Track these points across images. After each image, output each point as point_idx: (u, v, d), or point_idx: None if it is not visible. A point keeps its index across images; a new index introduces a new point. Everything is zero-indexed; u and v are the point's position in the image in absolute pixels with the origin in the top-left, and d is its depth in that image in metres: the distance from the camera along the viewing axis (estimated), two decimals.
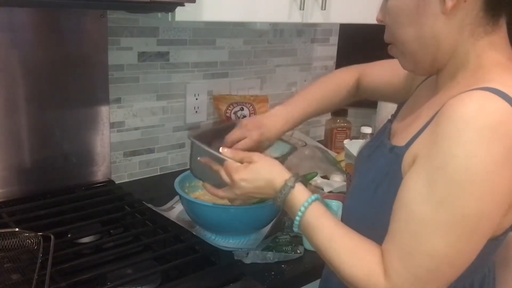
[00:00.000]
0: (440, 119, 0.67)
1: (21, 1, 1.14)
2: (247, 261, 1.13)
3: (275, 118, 1.08)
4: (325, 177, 1.65)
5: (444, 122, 0.66)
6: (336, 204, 1.32)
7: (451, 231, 0.66)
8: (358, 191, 0.89)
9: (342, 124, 2.01)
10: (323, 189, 1.55)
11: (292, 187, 0.85)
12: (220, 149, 0.95)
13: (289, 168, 0.92)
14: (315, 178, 1.51)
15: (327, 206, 0.85)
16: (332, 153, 1.85)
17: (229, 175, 0.92)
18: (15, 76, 1.27)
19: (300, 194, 0.84)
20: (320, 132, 2.17)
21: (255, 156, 0.92)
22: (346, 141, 1.46)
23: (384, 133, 0.89)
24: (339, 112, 2.03)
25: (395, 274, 0.69)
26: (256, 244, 1.20)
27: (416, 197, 0.68)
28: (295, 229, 0.84)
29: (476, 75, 0.71)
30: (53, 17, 1.30)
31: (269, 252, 1.16)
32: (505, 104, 0.63)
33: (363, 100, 1.21)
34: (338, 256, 0.76)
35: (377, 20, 0.84)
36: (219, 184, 0.96)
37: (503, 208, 0.67)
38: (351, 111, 2.03)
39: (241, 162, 0.92)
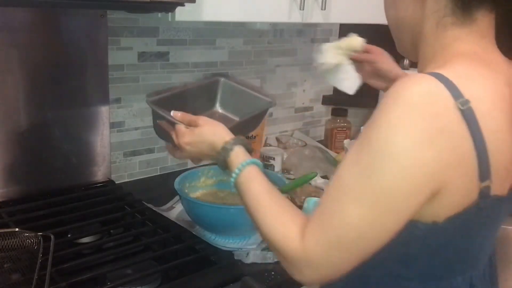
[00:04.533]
0: (383, 96, 0.68)
1: (21, 1, 1.14)
2: (247, 261, 1.13)
3: None
4: (325, 177, 1.65)
5: (383, 97, 0.67)
6: None
7: (365, 202, 0.65)
8: None
9: (342, 124, 2.01)
10: (323, 189, 1.55)
11: (231, 149, 0.87)
12: (172, 113, 0.99)
13: (289, 168, 0.94)
14: (315, 178, 1.51)
15: (266, 173, 0.86)
16: (332, 153, 1.85)
17: (176, 138, 0.96)
18: (15, 76, 1.27)
19: (237, 157, 0.87)
20: (320, 132, 2.17)
21: (201, 120, 0.95)
22: (346, 141, 1.46)
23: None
24: (339, 112, 2.03)
25: (310, 236, 0.69)
26: (256, 244, 1.20)
27: (345, 164, 0.69)
28: (232, 190, 0.88)
29: (438, 65, 0.71)
30: (53, 17, 1.30)
31: (269, 252, 1.16)
32: (440, 88, 0.63)
33: (362, 100, 1.22)
34: (262, 218, 0.77)
35: None
36: None
37: (422, 190, 0.64)
38: (351, 111, 2.03)
39: (189, 125, 0.95)
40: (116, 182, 1.51)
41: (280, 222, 0.74)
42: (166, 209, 1.37)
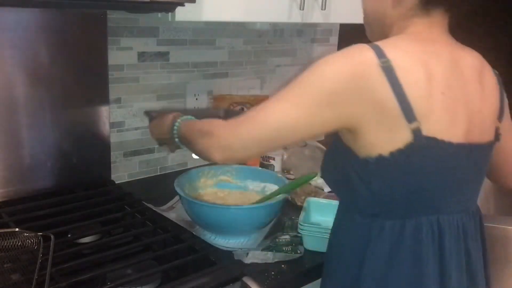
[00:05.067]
0: None
1: (21, 1, 1.14)
2: (247, 261, 1.13)
3: None
4: None
5: None
6: (336, 204, 1.31)
7: (285, 98, 0.85)
8: None
9: None
10: (323, 189, 1.55)
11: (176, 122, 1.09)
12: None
13: (289, 168, 1.02)
14: (315, 178, 1.51)
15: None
16: None
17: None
18: (15, 76, 1.27)
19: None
20: None
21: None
22: None
23: None
24: None
25: (228, 127, 0.90)
26: (256, 244, 1.20)
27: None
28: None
29: None
30: (53, 17, 1.30)
31: (269, 252, 1.16)
32: (369, 50, 0.82)
33: None
34: (192, 130, 1.01)
35: None
36: None
37: (330, 103, 0.82)
38: None
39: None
40: (116, 182, 1.52)
41: (206, 123, 0.97)
42: (166, 209, 1.37)
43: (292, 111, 0.84)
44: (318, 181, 1.59)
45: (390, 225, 0.88)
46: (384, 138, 0.82)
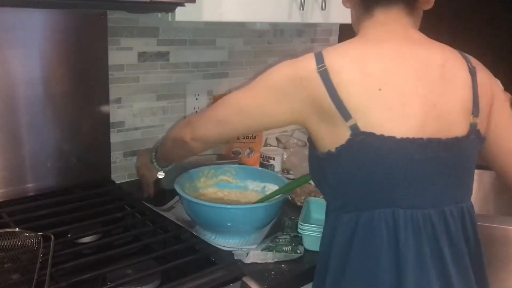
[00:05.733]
0: None
1: (21, 1, 1.14)
2: (247, 261, 1.13)
3: None
4: None
5: None
6: None
7: (244, 91, 1.02)
8: None
9: None
10: None
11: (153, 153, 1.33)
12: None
13: (289, 168, 1.02)
14: None
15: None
16: None
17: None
18: (14, 76, 1.27)
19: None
20: None
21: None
22: None
23: None
24: None
25: (198, 112, 1.04)
26: (256, 244, 1.20)
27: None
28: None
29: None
30: (53, 17, 1.30)
31: (269, 252, 1.16)
32: (310, 59, 0.93)
33: None
34: (166, 137, 1.25)
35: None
36: None
37: (263, 118, 0.99)
38: None
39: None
40: (116, 182, 1.52)
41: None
42: (166, 209, 1.37)
43: (249, 98, 1.01)
44: None
45: (347, 218, 0.93)
46: (329, 135, 0.91)
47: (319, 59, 0.92)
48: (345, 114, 0.87)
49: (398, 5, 0.97)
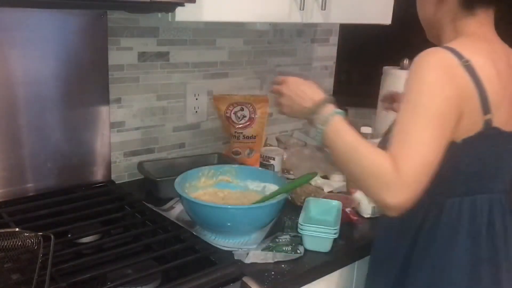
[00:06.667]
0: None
1: (21, 1, 1.14)
2: (247, 261, 1.13)
3: None
4: (325, 177, 1.65)
5: (412, 64, 0.96)
6: (336, 204, 1.32)
7: (429, 128, 0.90)
8: None
9: None
10: (323, 189, 1.55)
11: (323, 104, 1.05)
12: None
13: (289, 168, 0.98)
14: (315, 178, 1.51)
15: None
16: None
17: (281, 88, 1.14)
18: (15, 76, 1.27)
19: (325, 110, 1.04)
20: None
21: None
22: None
23: None
24: None
25: (406, 167, 0.88)
26: (256, 244, 1.20)
27: (403, 113, 0.93)
28: (318, 138, 1.03)
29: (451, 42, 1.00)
30: (53, 17, 1.30)
31: (269, 252, 1.16)
32: (448, 54, 0.94)
33: (363, 100, 1.22)
34: (358, 158, 0.94)
35: None
36: None
37: (454, 109, 0.92)
38: (351, 111, 2.03)
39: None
40: (116, 182, 1.52)
41: (374, 155, 0.92)
42: (166, 209, 1.37)
43: (436, 135, 0.91)
44: (318, 181, 1.60)
45: (450, 203, 1.01)
46: (462, 127, 0.94)
47: (456, 54, 0.94)
48: (486, 108, 0.94)
49: (494, 5, 1.03)
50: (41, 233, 1.05)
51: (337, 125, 1.00)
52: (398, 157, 0.89)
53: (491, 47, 1.00)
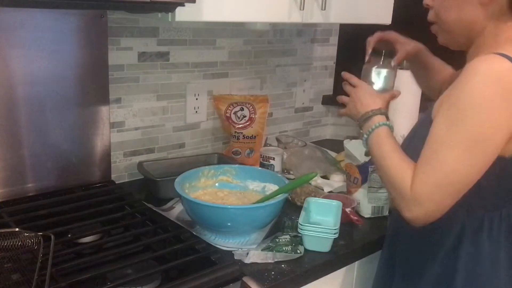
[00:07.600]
0: (460, 73, 0.91)
1: (21, 1, 1.14)
2: (247, 261, 1.13)
3: None
4: (325, 177, 1.65)
5: (461, 74, 0.91)
6: (336, 204, 1.32)
7: (458, 146, 0.88)
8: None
9: None
10: (323, 189, 1.55)
11: (374, 115, 1.09)
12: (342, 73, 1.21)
13: (289, 168, 0.97)
14: (315, 178, 1.51)
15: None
16: (332, 153, 1.85)
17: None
18: (15, 76, 1.27)
19: (373, 121, 1.08)
20: (320, 132, 2.18)
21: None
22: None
23: (426, 117, 1.05)
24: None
25: (417, 179, 0.91)
26: (256, 244, 1.20)
27: (436, 122, 0.92)
28: (363, 143, 1.09)
29: (493, 48, 0.93)
30: (53, 17, 1.30)
31: (269, 252, 1.16)
32: (507, 63, 0.87)
33: None
34: (388, 165, 0.99)
35: (425, 4, 1.05)
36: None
37: (503, 134, 0.88)
38: None
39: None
40: (116, 182, 1.52)
41: (400, 167, 0.96)
42: (166, 209, 1.37)
43: (463, 159, 0.89)
44: (318, 181, 1.60)
45: (489, 216, 1.00)
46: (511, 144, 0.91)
47: None
48: None
49: None
50: (41, 233, 1.05)
51: (380, 135, 1.05)
52: (417, 173, 0.92)
53: None
